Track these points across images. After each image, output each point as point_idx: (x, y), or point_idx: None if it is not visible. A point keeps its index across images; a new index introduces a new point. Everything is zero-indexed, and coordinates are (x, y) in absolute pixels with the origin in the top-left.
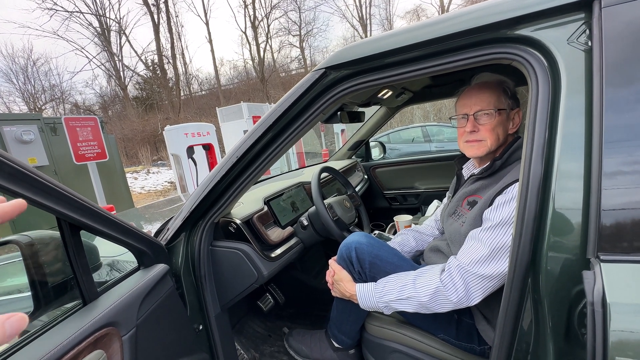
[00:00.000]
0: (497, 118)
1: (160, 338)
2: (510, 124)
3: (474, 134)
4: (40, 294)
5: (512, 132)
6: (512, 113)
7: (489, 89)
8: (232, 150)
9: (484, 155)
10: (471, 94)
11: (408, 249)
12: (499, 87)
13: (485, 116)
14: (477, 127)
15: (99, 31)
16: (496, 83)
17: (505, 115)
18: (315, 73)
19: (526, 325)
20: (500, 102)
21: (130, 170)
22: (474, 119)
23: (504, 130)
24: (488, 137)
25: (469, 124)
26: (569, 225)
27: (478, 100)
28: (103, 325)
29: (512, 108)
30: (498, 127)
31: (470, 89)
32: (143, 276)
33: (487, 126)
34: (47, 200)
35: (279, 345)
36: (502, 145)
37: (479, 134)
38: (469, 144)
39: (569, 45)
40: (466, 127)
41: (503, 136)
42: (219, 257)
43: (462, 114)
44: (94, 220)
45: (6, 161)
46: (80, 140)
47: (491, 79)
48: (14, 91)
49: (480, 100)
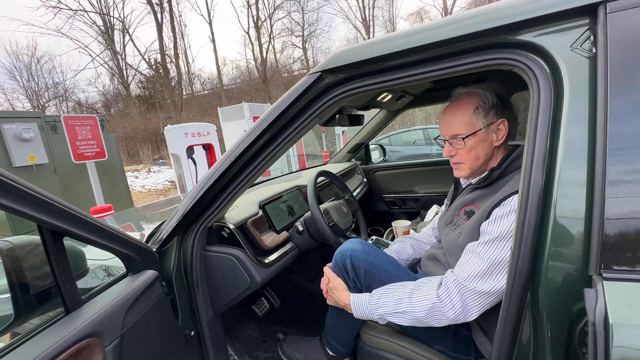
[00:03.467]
0: (470, 141)
1: (148, 347)
2: (493, 136)
3: (453, 157)
4: (22, 301)
5: (498, 144)
6: (494, 126)
7: (461, 111)
8: (227, 153)
9: (467, 175)
10: (445, 117)
11: (405, 256)
12: (471, 105)
13: (459, 142)
14: (453, 151)
15: (102, 30)
16: (470, 101)
17: (482, 133)
18: (311, 77)
19: (525, 340)
20: (471, 125)
21: (132, 168)
22: (449, 144)
23: (485, 147)
24: (465, 160)
25: (446, 148)
26: (570, 238)
27: (450, 124)
28: (85, 336)
29: (490, 122)
30: (476, 148)
31: (445, 110)
32: (130, 283)
33: (462, 150)
34: (25, 207)
35: (273, 351)
36: (491, 158)
37: (457, 157)
38: (453, 166)
39: (572, 52)
40: (444, 152)
41: (484, 153)
42: (211, 262)
43: (442, 136)
44: (77, 227)
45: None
46: (80, 139)
47: (467, 96)
48: (18, 88)
49: (453, 125)
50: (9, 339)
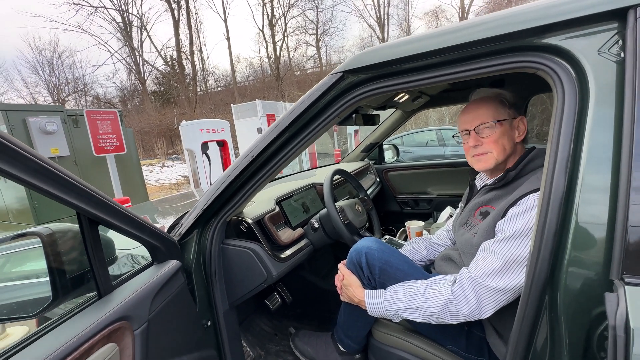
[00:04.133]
0: (498, 129)
1: (171, 333)
2: (515, 132)
3: (479, 148)
4: (59, 284)
5: (519, 140)
6: (516, 121)
7: (486, 103)
8: (247, 150)
9: (492, 167)
10: (469, 110)
11: (419, 257)
12: (495, 99)
13: (487, 129)
14: (480, 141)
15: (121, 26)
16: (492, 97)
17: (508, 124)
18: (333, 76)
19: (541, 343)
20: (500, 113)
21: (146, 163)
22: (475, 134)
23: (509, 140)
24: (493, 149)
25: (472, 139)
26: (592, 242)
27: (476, 115)
28: (117, 319)
29: (513, 117)
30: (502, 138)
31: (468, 105)
32: (156, 272)
33: (490, 138)
34: (68, 195)
35: (285, 345)
36: (511, 155)
37: (483, 147)
38: (476, 158)
39: (599, 56)
40: (469, 142)
41: (509, 146)
42: (229, 255)
43: (464, 130)
44: (111, 216)
45: (32, 158)
46: (100, 132)
47: (487, 94)
48: (40, 82)
49: (479, 115)
50: (47, 319)
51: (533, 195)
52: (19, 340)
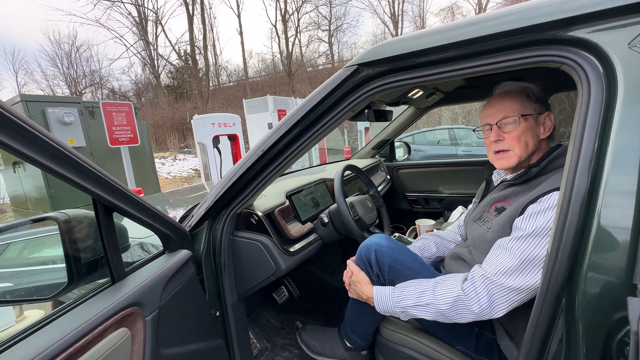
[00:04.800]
0: (522, 125)
1: (180, 321)
2: (540, 129)
3: (500, 143)
4: (74, 268)
5: (544, 137)
6: (542, 117)
7: (511, 97)
8: (259, 143)
9: (514, 165)
10: (493, 103)
11: (428, 254)
12: (521, 93)
13: (510, 124)
14: (501, 136)
15: (137, 20)
16: (519, 90)
17: (533, 120)
18: (347, 69)
19: (555, 346)
20: (525, 107)
21: (159, 155)
22: (497, 128)
23: (533, 137)
24: (515, 146)
25: (493, 133)
26: (615, 245)
27: (501, 109)
28: (129, 305)
29: (540, 112)
30: (525, 134)
31: (492, 98)
32: (167, 260)
33: (512, 134)
34: (84, 181)
35: (291, 338)
36: (535, 152)
37: (505, 142)
38: (497, 155)
39: (630, 50)
40: (490, 137)
41: (533, 143)
42: (239, 247)
43: (486, 124)
44: (125, 204)
45: (51, 142)
46: (115, 124)
47: (513, 87)
48: (58, 75)
49: (503, 108)
50: (63, 303)
51: (556, 193)
52: (35, 321)
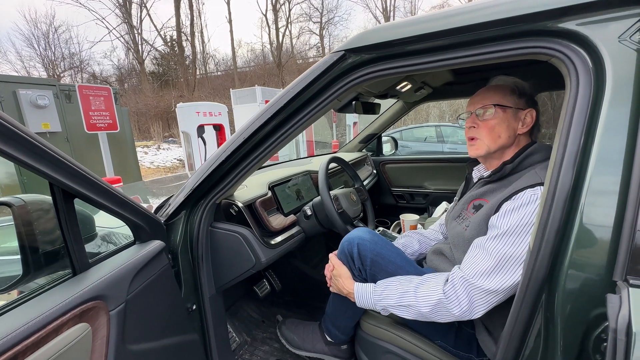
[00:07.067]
0: (498, 115)
1: (151, 316)
2: (519, 124)
3: (472, 130)
4: (30, 259)
5: (521, 132)
6: (523, 113)
7: (495, 89)
8: (240, 130)
9: (484, 154)
10: (478, 93)
11: (411, 251)
12: (506, 87)
13: (486, 113)
14: (476, 123)
15: (120, 2)
16: (504, 85)
17: (511, 113)
18: (334, 55)
19: (533, 342)
20: (505, 99)
21: (142, 144)
22: (475, 116)
23: (508, 129)
24: (485, 136)
25: (469, 119)
26: (596, 243)
27: (482, 98)
28: (91, 298)
29: (521, 107)
30: (500, 126)
31: (480, 90)
32: (138, 251)
33: (486, 123)
34: (39, 163)
35: (272, 332)
36: (509, 146)
37: (477, 130)
38: (469, 143)
39: (620, 44)
40: (467, 123)
41: (507, 136)
42: (218, 238)
43: (468, 112)
44: (88, 189)
45: None
46: (93, 109)
47: (506, 82)
48: (35, 56)
49: (484, 98)
50: (16, 295)
51: (530, 190)
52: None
